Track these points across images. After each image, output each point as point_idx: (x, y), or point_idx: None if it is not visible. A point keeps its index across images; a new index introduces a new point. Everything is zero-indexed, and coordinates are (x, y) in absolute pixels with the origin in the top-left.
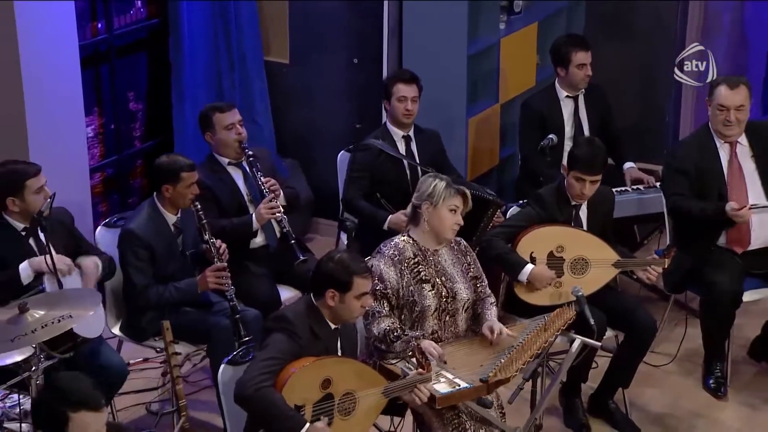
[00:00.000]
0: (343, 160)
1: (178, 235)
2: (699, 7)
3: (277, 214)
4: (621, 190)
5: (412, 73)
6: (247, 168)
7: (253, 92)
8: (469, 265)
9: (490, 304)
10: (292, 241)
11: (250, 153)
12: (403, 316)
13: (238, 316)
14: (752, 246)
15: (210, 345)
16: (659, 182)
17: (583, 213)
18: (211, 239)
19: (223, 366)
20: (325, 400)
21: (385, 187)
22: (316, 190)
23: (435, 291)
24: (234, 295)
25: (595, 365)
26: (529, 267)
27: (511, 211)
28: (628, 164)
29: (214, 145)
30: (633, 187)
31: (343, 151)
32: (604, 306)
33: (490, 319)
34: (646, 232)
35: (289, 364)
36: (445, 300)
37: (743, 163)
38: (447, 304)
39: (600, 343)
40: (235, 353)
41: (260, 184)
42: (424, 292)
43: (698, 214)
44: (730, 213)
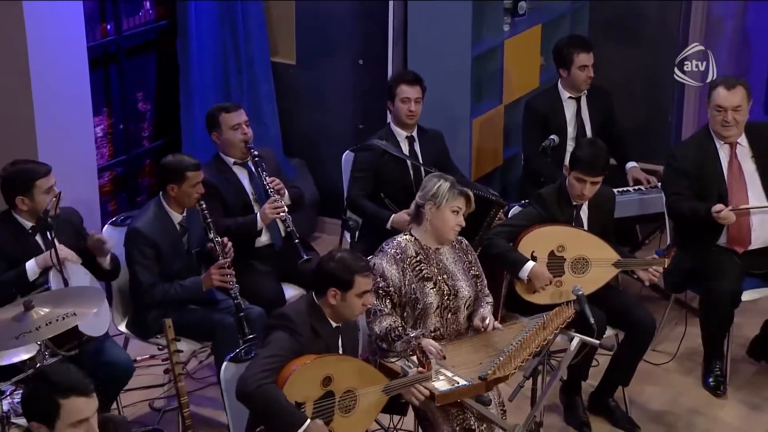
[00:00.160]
0: (347, 160)
1: (183, 234)
2: (702, 11)
3: (281, 214)
4: (622, 190)
5: (415, 74)
6: (253, 168)
7: (260, 93)
8: (471, 263)
9: (487, 303)
10: (296, 241)
11: (256, 153)
12: (405, 314)
13: (242, 313)
14: (752, 246)
15: (215, 342)
16: (660, 182)
17: (584, 213)
18: (217, 237)
19: (226, 363)
20: (326, 397)
21: (388, 186)
22: (322, 190)
23: (437, 289)
24: (238, 293)
25: (596, 363)
26: (530, 264)
27: (513, 211)
28: (630, 164)
29: (220, 144)
30: (635, 188)
31: (347, 151)
32: (604, 305)
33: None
34: (648, 232)
35: (290, 362)
36: (447, 298)
37: (743, 164)
38: (449, 302)
39: (599, 342)
40: (238, 350)
41: (265, 183)
42: (426, 290)
43: (690, 215)
44: (714, 215)
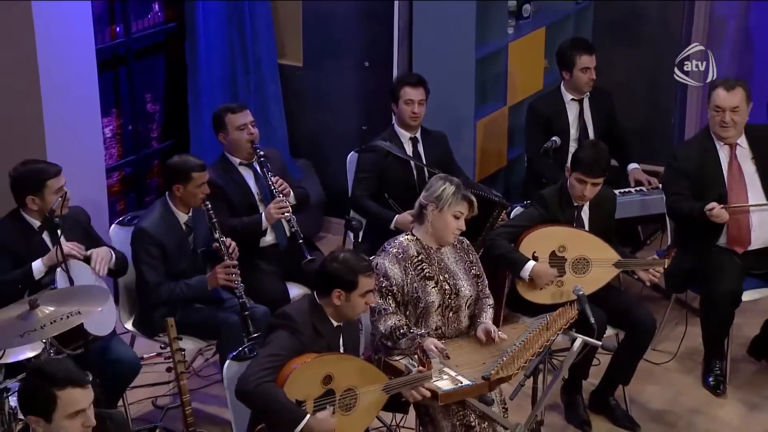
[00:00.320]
0: (352, 161)
1: (189, 234)
2: (704, 11)
3: (286, 214)
4: (624, 191)
5: (419, 76)
6: (258, 168)
7: (267, 94)
8: (472, 263)
9: (488, 306)
10: (300, 241)
11: (261, 153)
12: (408, 312)
13: (247, 312)
14: (752, 246)
15: (220, 340)
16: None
17: (585, 214)
18: (222, 237)
19: (229, 361)
20: (326, 395)
21: (392, 187)
22: (328, 190)
23: (438, 288)
24: (243, 292)
25: (597, 362)
26: (531, 264)
27: (515, 212)
28: (632, 165)
29: (226, 145)
30: (636, 189)
31: (352, 152)
32: (605, 305)
33: (486, 321)
34: (649, 233)
35: (291, 361)
36: (449, 297)
37: (743, 165)
38: (450, 301)
39: (600, 342)
40: (240, 349)
41: (270, 184)
42: (427, 289)
43: (688, 215)
44: (707, 213)
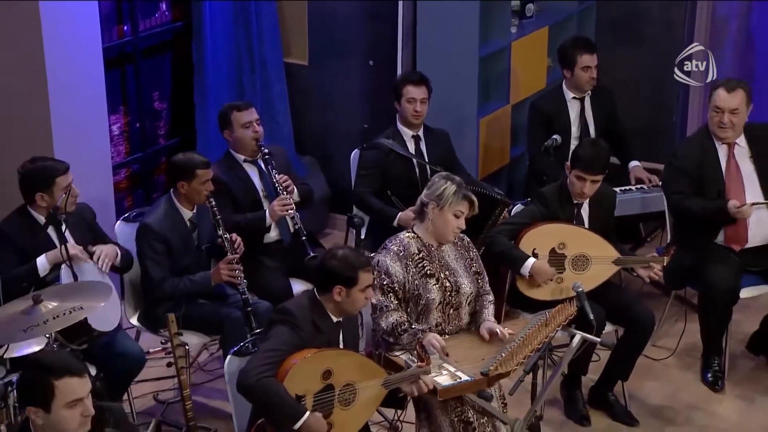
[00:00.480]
0: (356, 158)
1: (193, 230)
2: (706, 11)
3: (289, 211)
4: (625, 189)
5: (421, 75)
6: (263, 165)
7: (273, 93)
8: (472, 260)
9: (489, 302)
10: (303, 238)
11: (266, 151)
12: (409, 309)
13: (249, 308)
14: (750, 244)
15: (223, 336)
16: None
17: (585, 211)
18: (226, 234)
19: (230, 356)
20: (326, 390)
21: (395, 184)
22: (333, 187)
23: (439, 285)
24: (246, 288)
25: (597, 358)
26: (531, 261)
27: (516, 209)
28: (633, 163)
29: (231, 142)
30: (637, 186)
31: (356, 150)
32: (605, 301)
33: (488, 319)
34: (649, 230)
35: (291, 356)
36: (449, 293)
37: (741, 164)
38: (451, 298)
39: (599, 339)
40: (242, 344)
41: (274, 181)
42: (428, 286)
43: (700, 212)
44: (733, 211)
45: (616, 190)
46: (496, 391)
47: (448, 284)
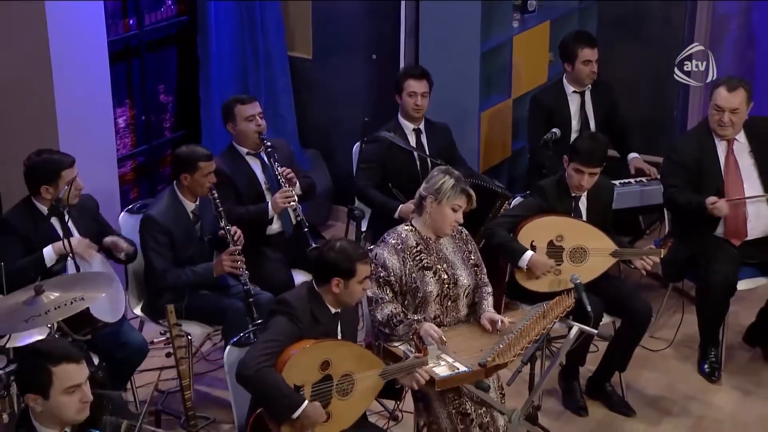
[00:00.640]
0: (358, 152)
1: (196, 222)
2: (707, 10)
3: (291, 203)
4: (624, 182)
5: (422, 69)
6: (265, 158)
7: (277, 86)
8: (470, 253)
9: (487, 294)
10: (305, 229)
11: (269, 144)
12: (406, 302)
13: (251, 299)
14: (748, 237)
15: (225, 326)
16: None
17: (583, 204)
18: (228, 226)
19: (229, 347)
20: (324, 381)
21: (396, 177)
22: (337, 180)
23: (437, 278)
24: (248, 279)
25: (595, 349)
26: (529, 254)
27: (515, 202)
28: (632, 155)
29: (235, 135)
30: (636, 179)
31: (358, 143)
32: (603, 293)
33: (488, 309)
34: (649, 223)
35: (289, 346)
36: (447, 286)
37: (740, 159)
38: (449, 290)
39: (596, 331)
40: (242, 335)
41: (277, 173)
42: (426, 279)
43: (686, 207)
44: (709, 207)
45: (616, 183)
46: (494, 382)
47: (445, 277)
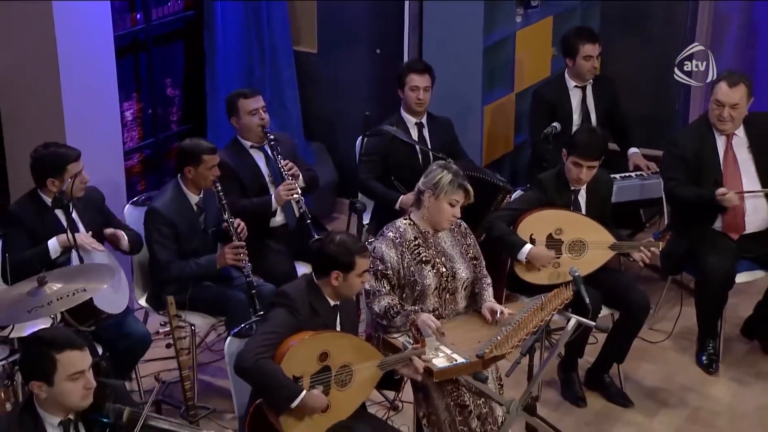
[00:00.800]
0: (360, 145)
1: (200, 214)
2: (708, 7)
3: (294, 196)
4: (624, 175)
5: (425, 63)
6: (269, 151)
7: (282, 80)
8: (469, 246)
9: (487, 285)
10: (308, 221)
11: (272, 137)
12: (404, 295)
13: (254, 290)
14: (746, 231)
15: (228, 317)
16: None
17: (582, 197)
18: (231, 218)
19: (230, 338)
20: (323, 372)
21: (398, 170)
22: (341, 172)
23: (435, 271)
24: (251, 271)
25: (594, 341)
26: (528, 247)
27: (516, 195)
28: (632, 150)
29: (238, 129)
30: (636, 173)
31: (361, 136)
32: (601, 286)
33: (489, 300)
34: (648, 216)
35: (288, 338)
36: (446, 279)
37: (738, 154)
38: (447, 283)
39: (594, 323)
40: (242, 326)
41: (280, 166)
42: (424, 272)
43: (695, 200)
44: (718, 197)
45: (616, 176)
46: (492, 373)
47: (444, 270)
